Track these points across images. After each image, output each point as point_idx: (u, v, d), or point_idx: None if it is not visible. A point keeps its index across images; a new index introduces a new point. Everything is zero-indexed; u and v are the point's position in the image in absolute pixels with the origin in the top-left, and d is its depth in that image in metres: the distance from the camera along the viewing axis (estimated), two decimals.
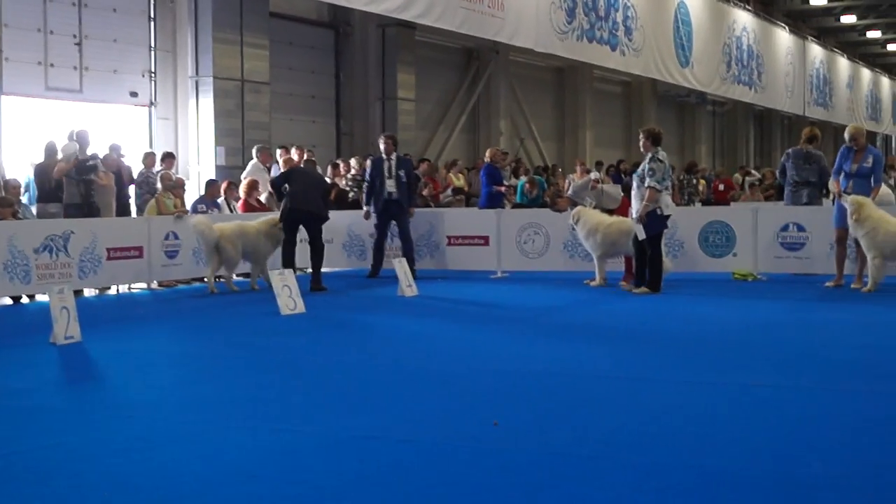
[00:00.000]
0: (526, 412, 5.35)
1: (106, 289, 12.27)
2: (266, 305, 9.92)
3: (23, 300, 11.24)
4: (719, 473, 4.14)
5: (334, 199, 15.29)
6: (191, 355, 7.82)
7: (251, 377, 6.59)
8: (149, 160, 14.08)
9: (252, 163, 15.37)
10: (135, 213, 13.79)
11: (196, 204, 13.92)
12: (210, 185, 14.25)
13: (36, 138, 14.29)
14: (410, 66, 21.16)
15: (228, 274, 11.96)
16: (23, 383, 6.50)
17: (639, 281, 10.95)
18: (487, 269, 13.47)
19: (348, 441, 4.76)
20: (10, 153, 14.32)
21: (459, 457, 4.47)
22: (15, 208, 11.63)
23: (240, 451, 4.63)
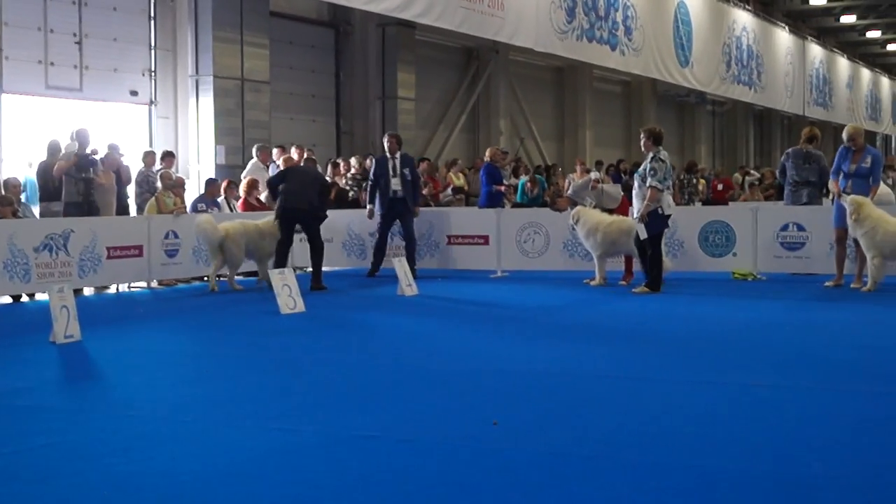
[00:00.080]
0: (526, 412, 5.35)
1: (105, 288, 12.26)
2: (266, 304, 9.93)
3: (23, 299, 11.25)
4: (719, 473, 4.14)
5: (334, 199, 15.29)
6: (190, 354, 7.82)
7: (251, 376, 6.59)
8: (149, 159, 14.08)
9: (252, 162, 15.37)
10: (134, 213, 13.80)
11: (196, 203, 13.92)
12: (210, 184, 14.25)
13: (36, 137, 14.31)
14: (410, 66, 21.16)
15: (231, 273, 11.96)
16: (22, 382, 6.50)
17: (647, 279, 10.93)
18: (487, 269, 13.47)
19: (348, 440, 4.76)
20: (11, 152, 14.32)
21: (459, 457, 4.47)
22: (15, 207, 11.63)
23: (240, 451, 4.63)
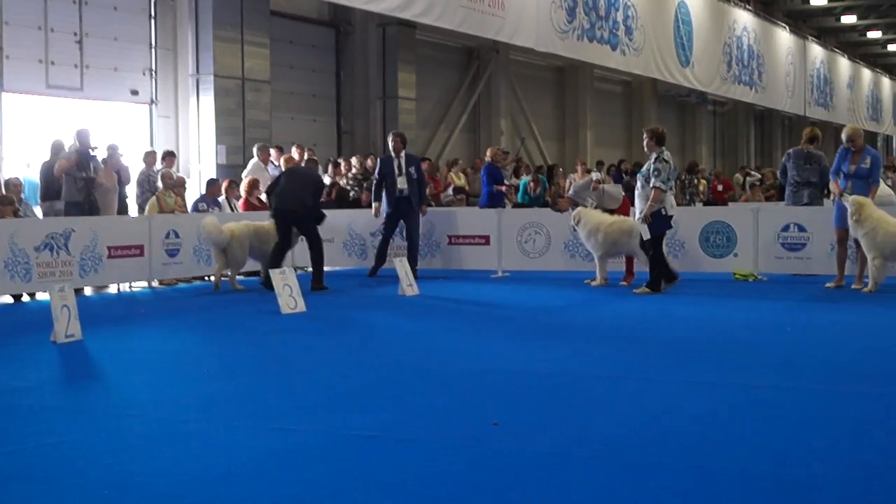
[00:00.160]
0: (526, 412, 5.35)
1: (103, 287, 12.26)
2: (267, 304, 9.93)
3: (23, 298, 11.25)
4: (719, 474, 4.14)
5: (335, 198, 15.30)
6: (191, 354, 7.82)
7: (252, 376, 6.60)
8: (149, 158, 14.09)
9: (253, 161, 15.38)
10: (134, 212, 13.81)
11: (197, 202, 13.93)
12: (211, 184, 14.26)
13: (37, 136, 14.32)
14: (411, 65, 21.16)
15: (232, 273, 11.97)
16: (23, 382, 6.50)
17: (668, 275, 10.91)
18: (488, 269, 13.47)
19: (348, 440, 4.77)
20: (11, 151, 14.33)
21: (459, 457, 4.47)
22: (16, 206, 11.64)
23: (240, 450, 4.63)
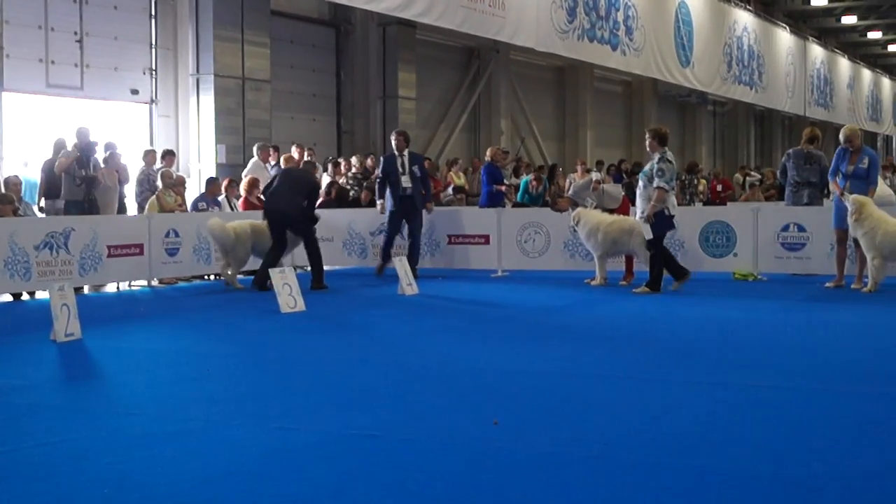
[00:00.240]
0: (526, 412, 5.35)
1: (101, 286, 12.25)
2: (266, 303, 9.93)
3: (23, 297, 11.25)
4: (719, 474, 4.14)
5: (335, 198, 15.30)
6: (191, 353, 7.82)
7: (251, 375, 6.60)
8: (149, 158, 14.09)
9: (253, 161, 15.39)
10: (134, 211, 13.81)
11: (197, 202, 13.93)
12: (211, 183, 14.26)
13: (37, 136, 14.32)
14: (411, 65, 21.17)
15: (234, 272, 11.99)
16: (23, 380, 6.50)
17: (679, 272, 10.92)
18: (488, 269, 13.47)
19: (348, 439, 4.76)
20: (11, 150, 14.33)
21: (459, 457, 4.47)
22: (16, 205, 11.64)
23: (240, 449, 4.63)
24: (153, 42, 16.60)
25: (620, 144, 30.93)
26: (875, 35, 44.11)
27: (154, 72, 16.61)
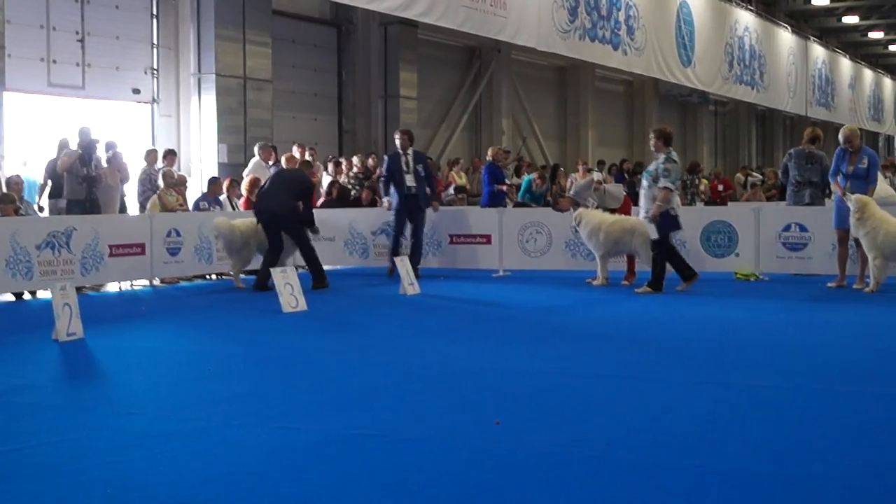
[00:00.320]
0: (526, 412, 5.35)
1: (102, 286, 12.25)
2: (268, 303, 9.93)
3: (25, 296, 11.26)
4: (720, 474, 4.14)
5: (336, 197, 15.30)
6: (192, 352, 7.82)
7: (253, 375, 6.61)
8: (151, 157, 14.09)
9: (254, 160, 15.38)
10: (136, 211, 13.82)
11: (198, 201, 13.94)
12: (212, 183, 14.27)
13: (38, 135, 14.32)
14: (412, 65, 21.17)
15: (236, 271, 11.98)
16: (25, 380, 6.51)
17: (688, 273, 10.92)
18: (489, 268, 13.46)
19: (349, 439, 4.77)
20: (13, 150, 14.33)
21: (459, 457, 4.47)
22: (17, 205, 11.64)
23: (241, 449, 4.64)
24: (155, 42, 16.61)
25: (622, 144, 30.92)
26: (877, 35, 44.05)
27: (156, 71, 16.62)
